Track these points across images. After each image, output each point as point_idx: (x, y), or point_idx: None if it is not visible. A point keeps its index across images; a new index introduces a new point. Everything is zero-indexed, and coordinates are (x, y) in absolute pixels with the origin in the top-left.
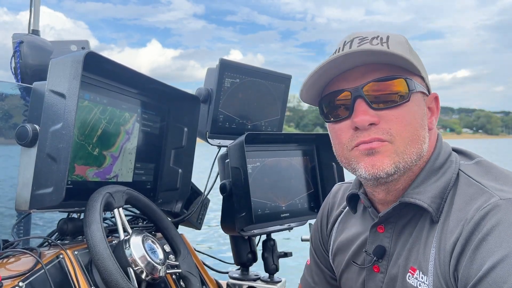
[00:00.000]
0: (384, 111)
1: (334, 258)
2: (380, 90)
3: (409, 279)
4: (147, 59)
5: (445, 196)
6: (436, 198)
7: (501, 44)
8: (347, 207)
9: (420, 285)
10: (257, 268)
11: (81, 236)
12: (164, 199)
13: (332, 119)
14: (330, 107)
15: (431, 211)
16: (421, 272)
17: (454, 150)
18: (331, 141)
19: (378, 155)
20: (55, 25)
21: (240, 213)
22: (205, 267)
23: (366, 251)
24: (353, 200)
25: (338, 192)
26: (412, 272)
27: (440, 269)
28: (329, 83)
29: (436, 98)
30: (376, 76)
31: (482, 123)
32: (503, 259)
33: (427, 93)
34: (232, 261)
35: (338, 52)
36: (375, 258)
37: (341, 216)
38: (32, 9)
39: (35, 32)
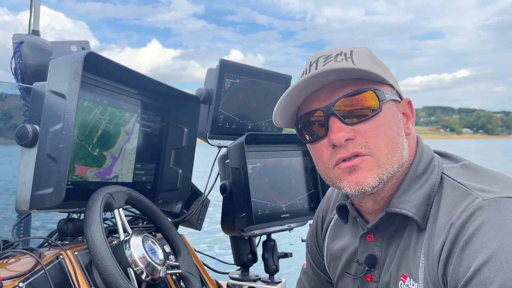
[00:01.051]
0: (358, 125)
1: (329, 265)
2: (351, 105)
3: (401, 287)
4: (147, 59)
5: (430, 202)
6: (421, 205)
7: (501, 44)
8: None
9: None
10: (257, 269)
11: (81, 237)
12: (164, 200)
13: (309, 139)
14: (306, 128)
15: (417, 219)
16: (411, 279)
17: (437, 153)
18: (314, 160)
19: (360, 171)
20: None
21: (240, 214)
22: (205, 268)
23: (357, 261)
24: (343, 211)
25: (331, 198)
26: (403, 279)
27: (429, 275)
28: (302, 104)
29: (409, 103)
30: (345, 92)
31: (482, 123)
32: (488, 260)
33: (399, 99)
34: (232, 262)
35: (305, 74)
36: (367, 268)
37: (332, 222)
38: (32, 9)
39: (35, 32)
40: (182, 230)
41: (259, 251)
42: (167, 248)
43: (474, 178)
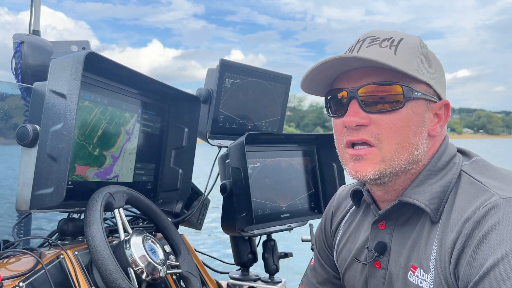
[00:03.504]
0: (376, 114)
1: (338, 257)
2: (375, 94)
3: (410, 277)
4: (148, 59)
5: (446, 196)
6: (435, 198)
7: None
8: (353, 207)
9: (421, 282)
10: (258, 269)
11: (81, 236)
12: (164, 199)
13: (331, 114)
14: (332, 102)
15: (429, 211)
16: (422, 270)
17: (459, 150)
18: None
19: (363, 161)
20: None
21: (241, 214)
22: (206, 268)
23: (367, 248)
24: (356, 196)
25: (342, 194)
26: (413, 270)
27: (440, 267)
28: (336, 78)
29: (446, 106)
30: (374, 79)
31: (483, 123)
32: (504, 257)
33: (436, 99)
34: (233, 262)
35: (350, 49)
36: (376, 254)
37: (347, 216)
38: (33, 9)
39: (36, 32)
40: (182, 230)
41: (259, 251)
42: (167, 248)
43: (488, 174)
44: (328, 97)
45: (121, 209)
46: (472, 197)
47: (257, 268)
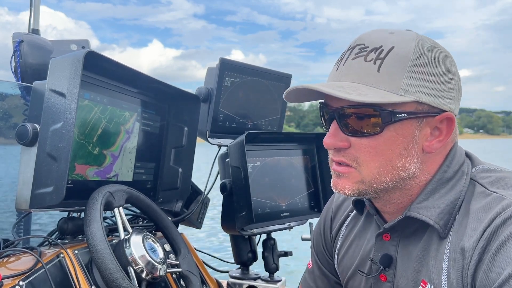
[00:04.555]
0: (355, 138)
1: (339, 264)
2: (354, 116)
3: None
4: (148, 59)
5: (455, 211)
6: (444, 214)
7: (501, 44)
8: (354, 211)
9: None
10: (257, 267)
11: (81, 235)
12: (164, 198)
13: (324, 126)
14: (322, 115)
15: (438, 228)
16: (432, 286)
17: (467, 155)
18: None
19: (343, 179)
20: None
21: (240, 212)
22: (206, 266)
23: (372, 260)
24: (359, 204)
25: (342, 195)
26: (423, 285)
27: (455, 281)
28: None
29: (448, 119)
30: (353, 102)
31: (483, 123)
32: None
33: (433, 114)
34: (232, 260)
35: (340, 58)
36: (381, 267)
37: (348, 220)
38: (32, 8)
39: (35, 31)
40: (182, 229)
41: (259, 249)
42: (167, 247)
43: (502, 182)
44: (321, 110)
45: (121, 208)
46: (488, 207)
47: (257, 267)
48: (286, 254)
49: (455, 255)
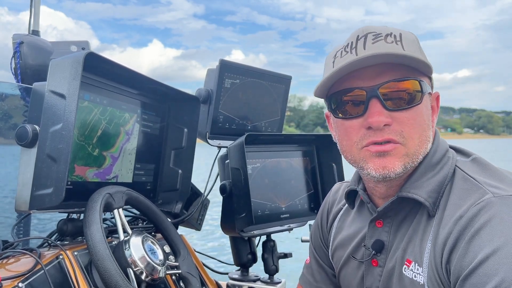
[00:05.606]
0: (397, 112)
1: (333, 254)
2: (395, 91)
3: (405, 271)
4: (148, 59)
5: (442, 190)
6: (433, 192)
7: (501, 44)
8: (346, 204)
9: (415, 276)
10: (257, 269)
11: (81, 237)
12: (164, 200)
13: (341, 115)
14: (340, 103)
15: (428, 205)
16: (416, 264)
17: (451, 147)
18: (337, 136)
19: (389, 157)
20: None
21: (240, 214)
22: (205, 268)
23: (365, 246)
24: (351, 196)
25: (338, 190)
26: (408, 264)
27: (434, 261)
28: (342, 78)
29: (437, 98)
30: (391, 76)
31: (483, 123)
32: (493, 252)
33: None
34: (232, 262)
35: (352, 46)
36: (373, 252)
37: (341, 212)
38: (32, 9)
39: (35, 32)
40: (182, 230)
41: (259, 251)
42: (167, 249)
43: (484, 173)
44: (335, 99)
45: (120, 210)
46: (466, 194)
47: (257, 269)
48: (285, 255)
49: (436, 236)
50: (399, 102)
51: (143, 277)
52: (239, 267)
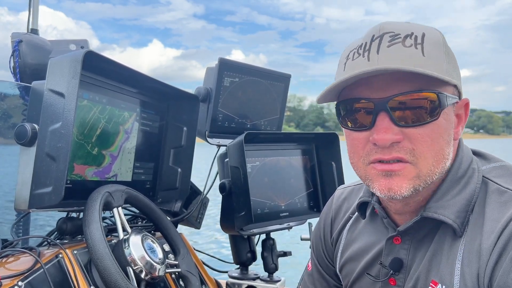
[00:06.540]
0: (409, 128)
1: (342, 268)
2: (408, 105)
3: None
4: (149, 59)
5: (470, 208)
6: (461, 212)
7: (501, 44)
8: (355, 214)
9: None
10: (257, 268)
11: (80, 236)
12: (163, 199)
13: (349, 125)
14: (348, 113)
15: (456, 227)
16: (444, 286)
17: (473, 152)
18: (347, 146)
19: (396, 177)
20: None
21: (240, 212)
22: (205, 266)
23: (381, 263)
24: (362, 207)
25: (341, 197)
26: (433, 285)
27: (469, 282)
28: (348, 86)
29: (466, 105)
30: (404, 87)
31: (483, 123)
32: None
33: (459, 99)
34: (232, 260)
35: (365, 48)
36: (391, 271)
37: (350, 222)
38: (31, 8)
39: (34, 31)
40: (181, 229)
41: (259, 250)
42: (166, 247)
43: None
44: (343, 108)
45: (120, 208)
46: (504, 206)
47: (256, 267)
48: (285, 254)
49: (470, 255)
50: (411, 117)
51: (142, 275)
52: (238, 266)
